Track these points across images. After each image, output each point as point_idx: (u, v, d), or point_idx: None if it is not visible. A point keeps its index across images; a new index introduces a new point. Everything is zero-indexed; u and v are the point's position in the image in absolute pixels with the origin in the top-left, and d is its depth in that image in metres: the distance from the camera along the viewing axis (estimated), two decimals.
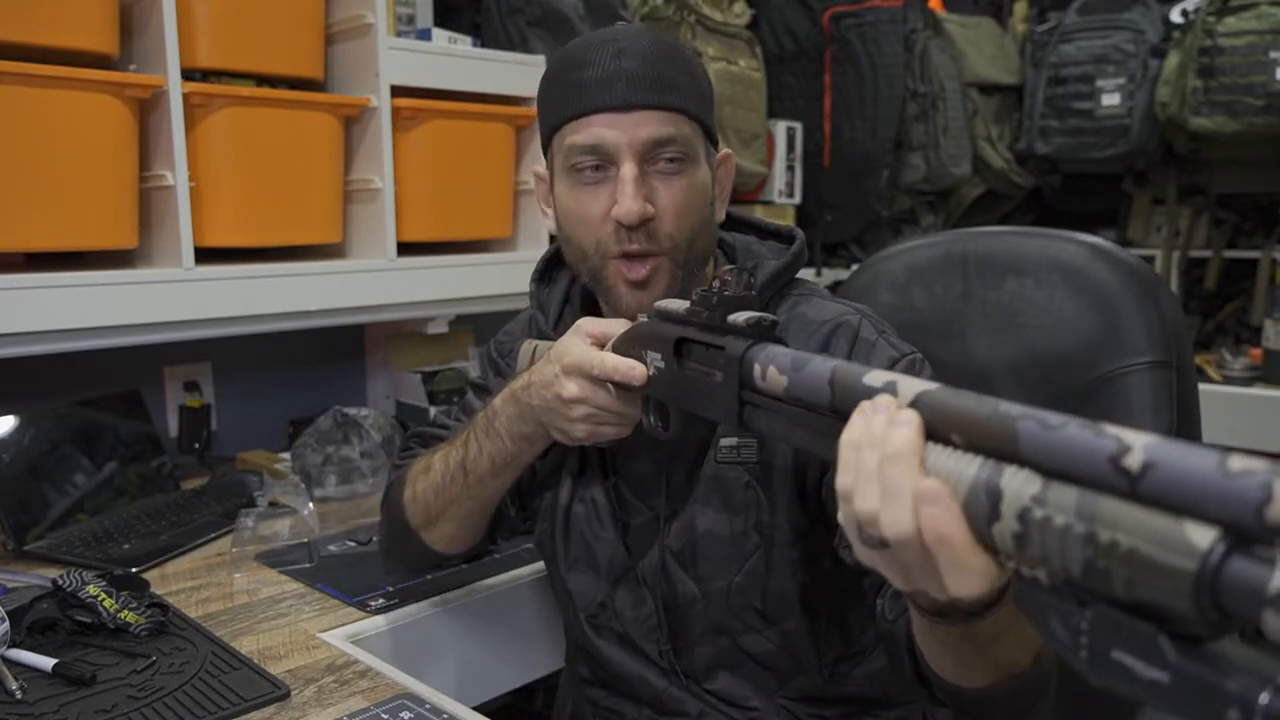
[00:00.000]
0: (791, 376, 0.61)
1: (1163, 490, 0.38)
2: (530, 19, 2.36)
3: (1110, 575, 0.39)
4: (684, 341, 0.77)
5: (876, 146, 2.90)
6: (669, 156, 0.90)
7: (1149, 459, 0.39)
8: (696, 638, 0.97)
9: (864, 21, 2.86)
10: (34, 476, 1.41)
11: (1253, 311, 2.84)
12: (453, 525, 1.05)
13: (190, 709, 0.90)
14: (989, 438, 0.46)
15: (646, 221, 0.89)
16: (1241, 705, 0.35)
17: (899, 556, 0.51)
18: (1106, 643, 0.40)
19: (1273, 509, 0.34)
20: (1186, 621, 0.37)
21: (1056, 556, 0.42)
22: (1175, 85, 2.59)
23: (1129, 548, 0.38)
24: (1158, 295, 1.09)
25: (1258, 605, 0.34)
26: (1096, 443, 0.41)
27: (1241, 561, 0.35)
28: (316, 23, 1.71)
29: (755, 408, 0.67)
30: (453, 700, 0.94)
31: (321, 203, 1.71)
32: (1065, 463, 0.42)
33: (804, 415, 0.61)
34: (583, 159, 0.91)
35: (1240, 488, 0.35)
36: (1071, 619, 0.42)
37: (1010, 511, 0.44)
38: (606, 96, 0.88)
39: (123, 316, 1.44)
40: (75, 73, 1.36)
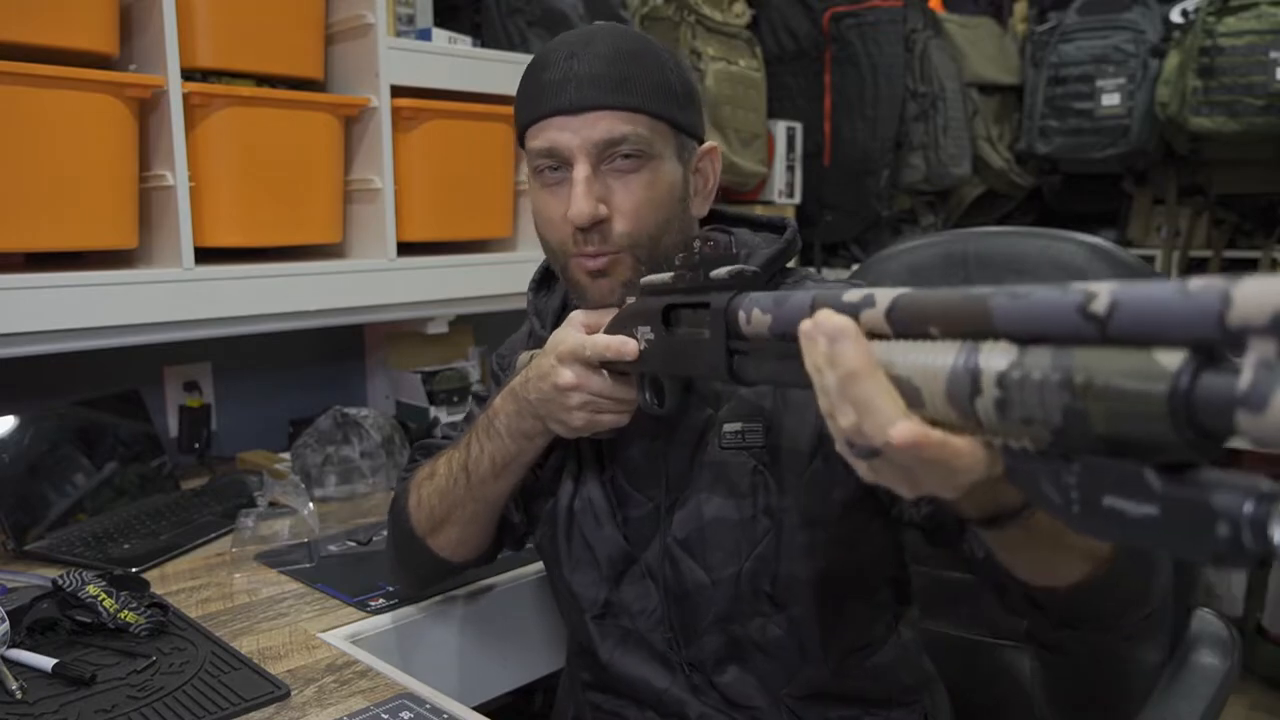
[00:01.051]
0: (775, 313, 0.62)
1: (1131, 326, 0.39)
2: (530, 19, 2.36)
3: (1089, 416, 0.40)
4: (671, 309, 0.77)
5: (876, 146, 2.90)
6: (624, 153, 0.90)
7: (1114, 299, 0.40)
8: (705, 627, 0.97)
9: (864, 21, 2.86)
10: (34, 476, 1.41)
11: None
12: (458, 530, 1.05)
13: (190, 709, 0.90)
14: (965, 321, 0.47)
15: (600, 222, 0.90)
16: (1228, 517, 0.36)
17: (895, 461, 0.51)
18: (1096, 491, 0.41)
19: (1232, 313, 0.35)
20: (1168, 449, 0.38)
21: (1038, 411, 0.42)
22: (1175, 85, 2.59)
23: (1104, 384, 0.40)
24: None
25: (1229, 409, 0.35)
26: (1064, 299, 0.42)
27: (1210, 375, 0.37)
28: (316, 23, 1.71)
29: (743, 356, 0.67)
30: (453, 700, 0.94)
31: (321, 203, 1.71)
32: (1038, 325, 0.43)
33: (791, 348, 0.59)
34: (541, 161, 0.93)
35: (1200, 303, 0.36)
36: (1060, 477, 0.43)
37: (989, 381, 0.45)
38: (558, 99, 0.90)
39: (123, 316, 1.44)
40: (75, 73, 1.36)
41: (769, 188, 2.81)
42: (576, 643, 1.10)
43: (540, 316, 1.07)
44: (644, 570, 0.99)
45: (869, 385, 0.50)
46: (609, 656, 1.02)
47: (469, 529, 1.05)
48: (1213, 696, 0.96)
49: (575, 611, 1.05)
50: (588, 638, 1.04)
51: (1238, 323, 0.35)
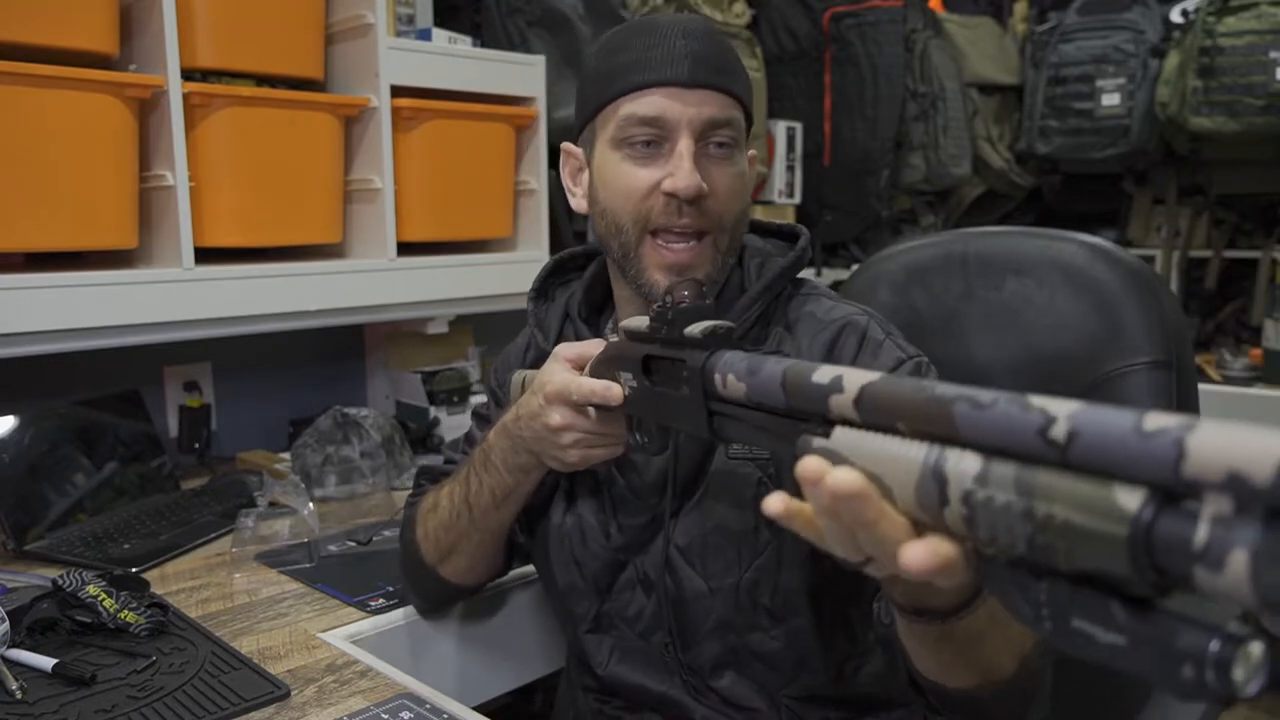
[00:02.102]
0: (749, 382, 0.61)
1: (1090, 456, 0.38)
2: (530, 19, 2.36)
3: (1052, 549, 0.40)
4: (650, 359, 0.77)
5: (876, 146, 2.90)
6: (720, 140, 0.90)
7: (1073, 428, 0.39)
8: (703, 634, 0.97)
9: (864, 21, 2.86)
10: (34, 476, 1.41)
11: (1253, 311, 2.84)
12: (465, 559, 1.06)
13: (190, 709, 0.90)
14: (929, 422, 0.46)
15: (700, 198, 0.89)
16: (1194, 657, 0.35)
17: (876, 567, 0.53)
18: (1065, 612, 0.41)
19: (1187, 465, 0.34)
20: (1131, 584, 0.38)
21: (1004, 535, 0.42)
22: (1175, 85, 2.59)
23: (1064, 520, 0.39)
24: (1158, 295, 1.09)
25: (1188, 562, 0.35)
26: (1024, 418, 0.41)
27: (1170, 520, 0.36)
28: (316, 23, 1.71)
29: (724, 417, 0.66)
30: (453, 700, 0.94)
31: (321, 203, 1.71)
32: (1000, 440, 0.42)
33: (766, 419, 0.61)
34: (637, 130, 0.90)
35: (1155, 447, 0.36)
36: (1030, 592, 0.42)
37: (956, 495, 0.44)
38: (672, 71, 0.89)
39: (123, 316, 1.44)
40: (75, 73, 1.36)
41: (769, 188, 2.81)
42: (573, 651, 1.10)
43: (543, 329, 1.05)
44: (637, 577, 0.99)
45: (878, 531, 0.49)
46: (604, 667, 1.03)
47: (477, 555, 1.06)
48: None
49: (569, 626, 1.06)
50: (582, 650, 1.04)
51: (1192, 475, 0.34)
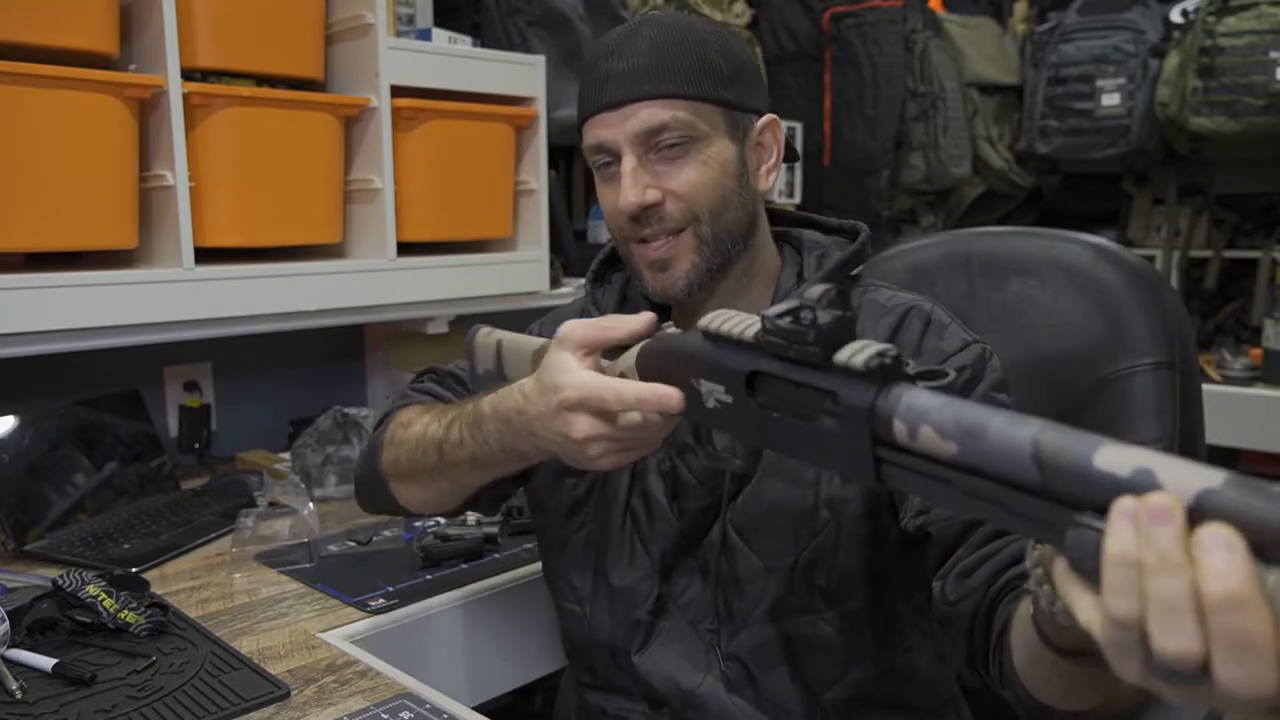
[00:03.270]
0: (962, 443, 0.49)
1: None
2: (530, 19, 2.36)
3: None
4: (761, 375, 0.63)
5: (876, 146, 2.90)
6: (669, 142, 0.91)
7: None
8: (754, 618, 0.94)
9: (864, 21, 2.86)
10: (34, 476, 1.41)
11: (1253, 311, 2.84)
12: (419, 493, 1.01)
13: (190, 709, 0.90)
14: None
15: (654, 206, 0.91)
16: None
17: (1215, 693, 0.41)
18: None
19: None
20: None
21: None
22: (1175, 85, 2.59)
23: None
24: (1161, 296, 1.09)
25: None
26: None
27: None
28: (316, 23, 1.71)
29: (898, 467, 0.54)
30: (453, 700, 0.94)
31: (321, 203, 1.71)
32: None
33: (990, 489, 0.48)
34: (596, 158, 0.96)
35: None
36: None
37: None
38: (601, 97, 0.92)
39: (123, 316, 1.44)
40: (75, 73, 1.36)
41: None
42: (588, 643, 1.04)
43: (599, 309, 1.05)
44: (697, 563, 0.97)
45: (1257, 622, 0.38)
46: (641, 656, 0.99)
47: (432, 495, 1.00)
48: None
49: (617, 611, 1.00)
50: (622, 638, 0.99)
51: None
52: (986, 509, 0.49)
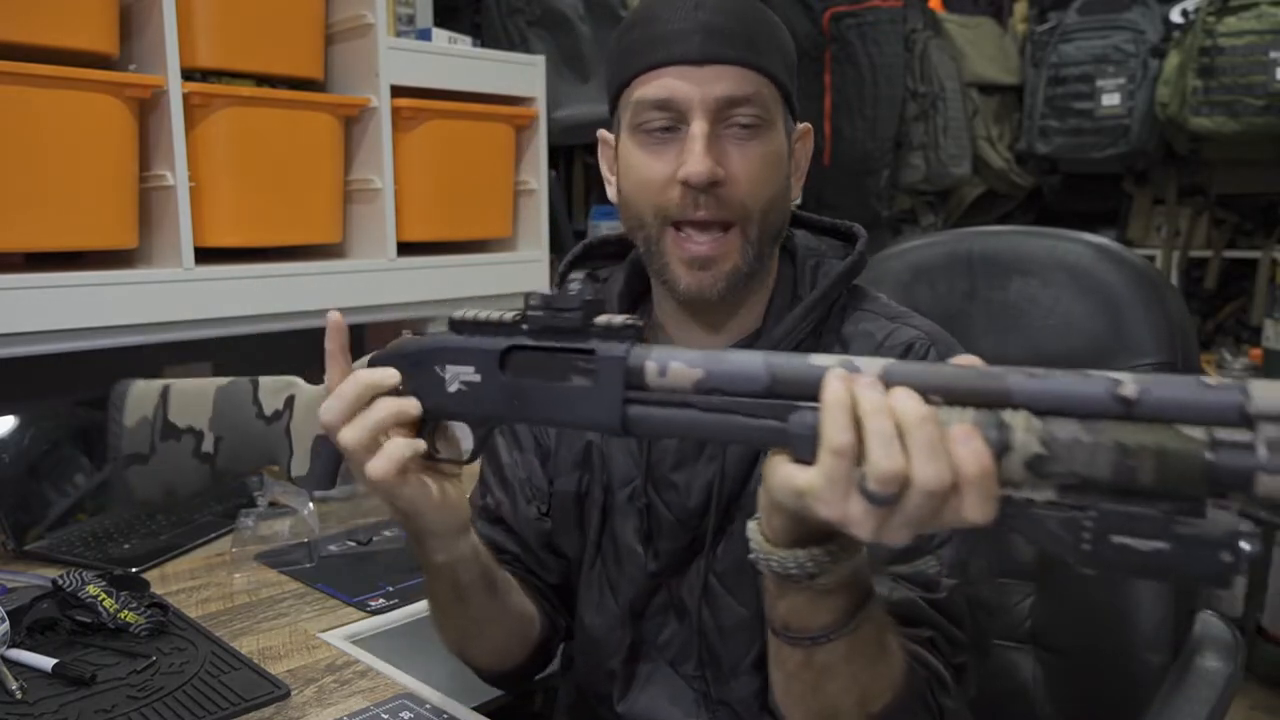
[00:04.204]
0: (707, 368, 0.60)
1: (1157, 408, 0.47)
2: (530, 19, 2.36)
3: (1139, 471, 0.48)
4: (514, 350, 0.69)
5: (876, 146, 2.90)
6: (743, 120, 0.82)
7: (1141, 386, 0.48)
8: (744, 668, 0.89)
9: (864, 21, 2.86)
10: (34, 476, 1.41)
11: (1253, 311, 2.84)
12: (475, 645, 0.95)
13: (190, 709, 0.89)
14: (977, 396, 0.52)
15: (716, 185, 0.81)
16: (1228, 545, 0.46)
17: (911, 508, 0.53)
18: (1107, 532, 0.48)
19: (1251, 404, 0.45)
20: (1178, 499, 0.47)
21: (1086, 466, 0.49)
22: (1175, 85, 2.59)
23: (1159, 447, 0.47)
24: (1164, 296, 1.09)
25: (1251, 473, 0.46)
26: (1091, 379, 0.49)
27: (1228, 447, 0.46)
28: (316, 23, 1.71)
29: (644, 405, 0.63)
30: (453, 700, 0.94)
31: (321, 203, 1.71)
32: (1061, 402, 0.50)
33: (727, 401, 0.59)
34: (651, 115, 0.83)
35: (1220, 394, 0.46)
36: (1074, 523, 0.49)
37: (1028, 439, 0.50)
38: (681, 49, 0.81)
39: (123, 316, 1.44)
40: (75, 73, 1.36)
41: None
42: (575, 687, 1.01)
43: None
44: (670, 601, 0.92)
45: (935, 430, 0.52)
46: (626, 704, 0.93)
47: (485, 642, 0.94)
48: (1216, 700, 0.96)
49: (591, 658, 0.96)
50: (602, 684, 0.95)
51: (1255, 410, 0.45)
52: (719, 422, 0.60)
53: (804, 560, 0.62)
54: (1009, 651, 1.13)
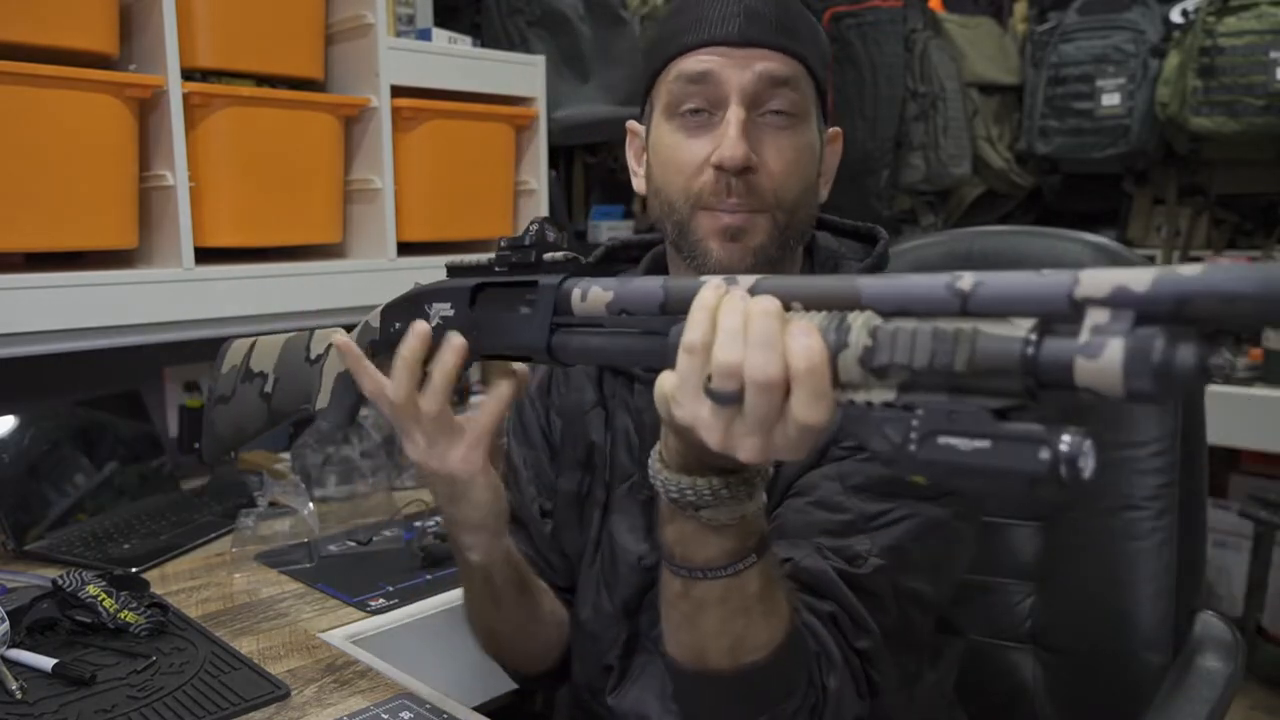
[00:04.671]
0: (618, 291, 0.64)
1: (990, 301, 0.47)
2: (530, 19, 2.36)
3: (954, 357, 0.47)
4: (483, 288, 0.77)
5: (876, 146, 2.90)
6: (778, 108, 0.83)
7: (978, 279, 0.48)
8: None
9: (864, 21, 2.86)
10: (34, 476, 1.41)
11: None
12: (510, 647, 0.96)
13: (190, 709, 0.89)
14: (830, 300, 0.54)
15: (749, 171, 0.81)
16: (1049, 445, 0.44)
17: (748, 407, 0.54)
18: (935, 431, 0.48)
19: (1079, 288, 0.44)
20: (1005, 394, 0.47)
21: (904, 353, 0.49)
22: (1175, 85, 2.58)
23: (974, 330, 0.47)
24: None
25: (1070, 358, 0.44)
26: (934, 276, 0.50)
27: (1055, 337, 0.45)
28: (316, 23, 1.71)
29: (566, 330, 0.69)
30: (453, 700, 0.94)
31: (321, 203, 1.71)
32: (904, 301, 0.50)
33: (631, 320, 0.64)
34: (688, 90, 0.83)
35: (1052, 280, 0.45)
36: (903, 423, 0.49)
37: (860, 334, 0.51)
38: (722, 29, 0.82)
39: (123, 316, 1.44)
40: (75, 73, 1.36)
41: None
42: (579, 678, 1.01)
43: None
44: None
45: (776, 323, 0.54)
46: (616, 697, 0.94)
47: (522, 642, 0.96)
48: (1216, 700, 0.96)
49: (590, 654, 0.97)
50: (596, 678, 0.96)
51: (1083, 295, 0.44)
52: (624, 344, 0.65)
53: (688, 487, 0.65)
54: (1009, 651, 1.13)
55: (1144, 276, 0.42)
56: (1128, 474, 1.05)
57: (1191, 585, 1.06)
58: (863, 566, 0.79)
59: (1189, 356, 0.41)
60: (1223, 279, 0.40)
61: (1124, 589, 1.04)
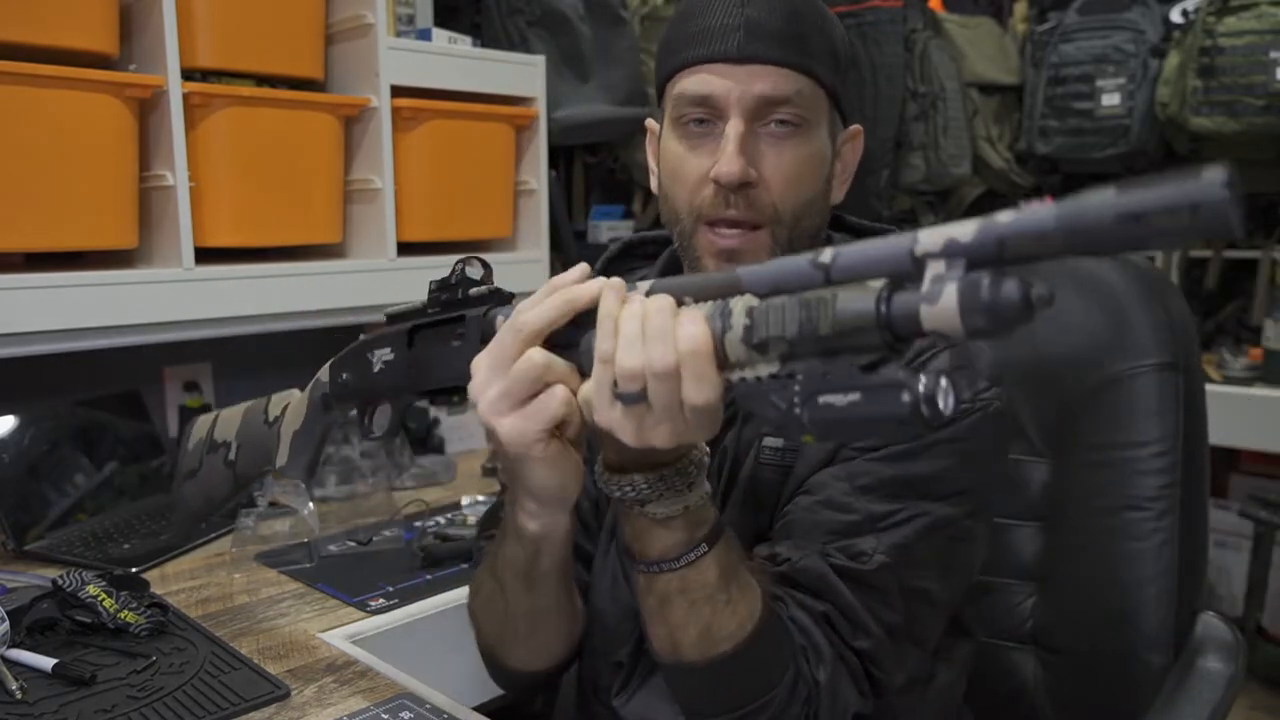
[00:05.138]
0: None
1: (848, 269, 0.52)
2: (530, 19, 2.36)
3: (818, 322, 0.52)
4: (418, 330, 0.83)
5: (876, 146, 2.90)
6: (781, 118, 0.82)
7: (836, 251, 0.52)
8: None
9: (864, 21, 2.85)
10: (34, 476, 1.41)
11: (1253, 311, 2.84)
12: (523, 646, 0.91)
13: (190, 709, 0.89)
14: (718, 289, 0.59)
15: (747, 186, 0.81)
16: (909, 388, 0.49)
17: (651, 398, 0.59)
18: (814, 392, 0.53)
19: (919, 246, 0.48)
20: (869, 348, 0.51)
21: (778, 325, 0.54)
22: (1175, 85, 2.58)
23: (832, 296, 0.52)
24: (1165, 297, 1.09)
25: (915, 307, 0.48)
26: (797, 256, 0.54)
27: (902, 292, 0.50)
28: (316, 23, 1.71)
29: None
30: (453, 700, 0.94)
31: (321, 203, 1.71)
32: (777, 281, 0.55)
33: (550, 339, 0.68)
34: (689, 110, 0.84)
35: (896, 242, 0.49)
36: (786, 390, 0.54)
37: (740, 315, 0.56)
38: (721, 46, 0.82)
39: (123, 316, 1.43)
40: (75, 73, 1.36)
41: None
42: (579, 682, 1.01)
43: None
44: None
45: (669, 318, 0.58)
46: (622, 700, 0.93)
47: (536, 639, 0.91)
48: (1218, 701, 0.96)
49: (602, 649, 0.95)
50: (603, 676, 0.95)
51: (921, 251, 0.48)
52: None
53: (627, 485, 0.69)
54: (1010, 652, 1.13)
55: (969, 228, 0.47)
56: (1129, 475, 1.04)
57: (1193, 586, 1.06)
58: (867, 563, 0.79)
59: (1013, 291, 0.45)
60: (1030, 220, 0.45)
61: (1125, 589, 1.03)
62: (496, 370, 0.68)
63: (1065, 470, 1.10)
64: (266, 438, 0.97)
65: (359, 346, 0.88)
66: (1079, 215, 0.44)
